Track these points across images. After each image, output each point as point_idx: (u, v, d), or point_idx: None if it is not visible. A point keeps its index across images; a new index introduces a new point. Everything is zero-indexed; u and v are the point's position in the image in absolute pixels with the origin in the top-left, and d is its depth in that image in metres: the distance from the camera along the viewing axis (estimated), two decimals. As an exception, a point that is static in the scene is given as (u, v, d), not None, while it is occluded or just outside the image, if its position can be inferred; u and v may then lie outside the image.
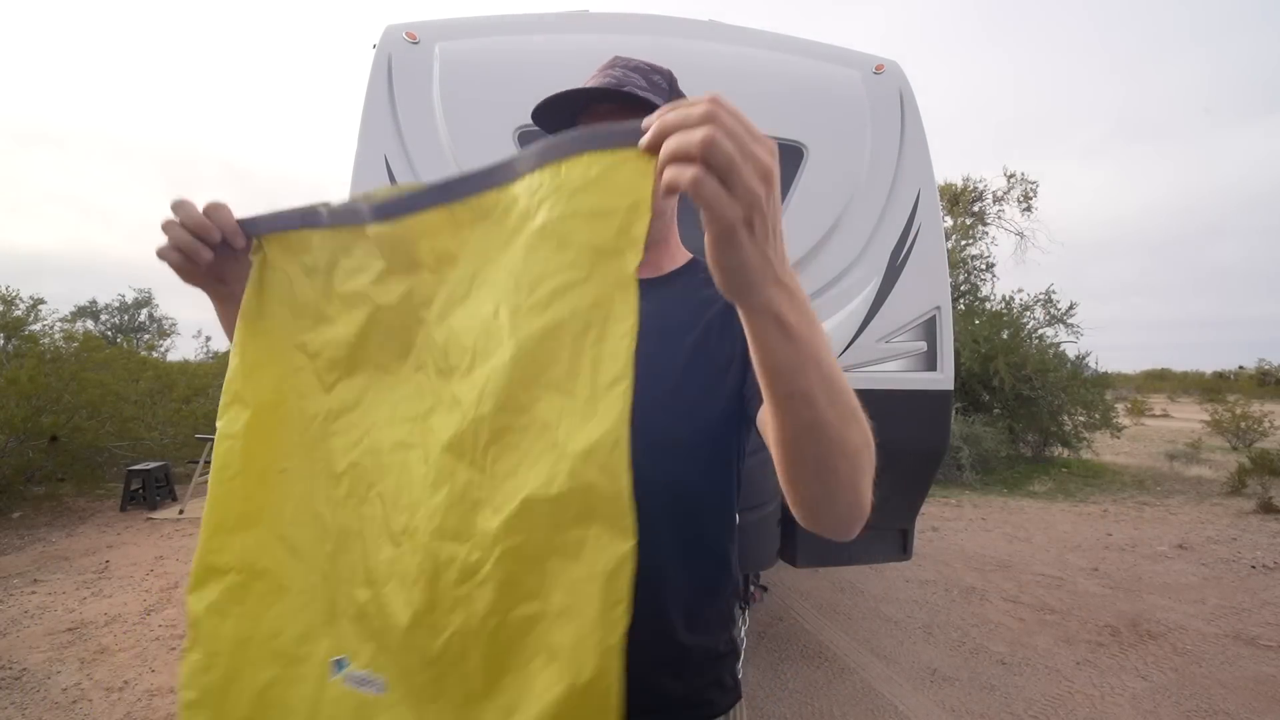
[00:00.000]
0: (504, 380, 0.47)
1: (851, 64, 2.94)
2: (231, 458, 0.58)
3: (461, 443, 0.48)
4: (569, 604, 0.44)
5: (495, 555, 0.46)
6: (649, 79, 0.84)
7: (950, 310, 2.78)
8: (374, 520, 0.53)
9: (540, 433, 0.46)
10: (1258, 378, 32.76)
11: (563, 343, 0.46)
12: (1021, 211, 14.13)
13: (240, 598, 0.55)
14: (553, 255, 0.47)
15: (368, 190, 0.57)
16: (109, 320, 20.86)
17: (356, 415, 0.57)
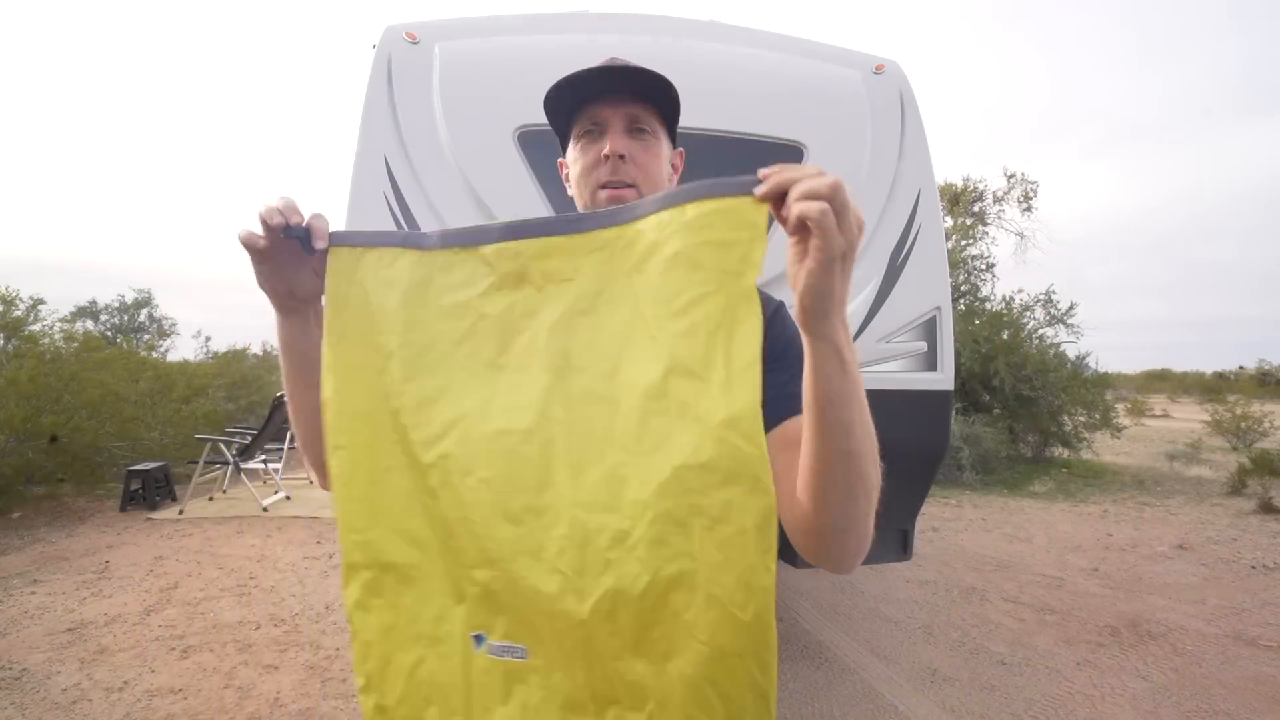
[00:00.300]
0: (655, 377, 0.55)
1: (851, 64, 2.94)
2: (346, 466, 0.64)
3: (612, 430, 0.56)
4: (722, 557, 0.51)
5: (647, 519, 0.52)
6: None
7: (950, 310, 2.78)
8: (481, 505, 0.58)
9: (681, 412, 0.54)
10: (1258, 378, 32.73)
11: (698, 339, 0.55)
12: (1021, 211, 14.14)
13: (377, 591, 0.62)
14: (687, 274, 0.56)
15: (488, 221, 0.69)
16: (109, 320, 20.85)
17: (435, 411, 0.63)
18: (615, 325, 0.59)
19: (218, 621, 3.56)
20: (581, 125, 0.87)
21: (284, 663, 3.08)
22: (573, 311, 0.60)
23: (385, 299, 0.66)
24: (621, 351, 0.58)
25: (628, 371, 0.57)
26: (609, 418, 0.56)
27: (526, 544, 0.56)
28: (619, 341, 0.58)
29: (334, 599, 3.92)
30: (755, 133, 2.69)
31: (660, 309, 0.57)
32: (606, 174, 0.83)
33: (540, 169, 2.48)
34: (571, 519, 0.55)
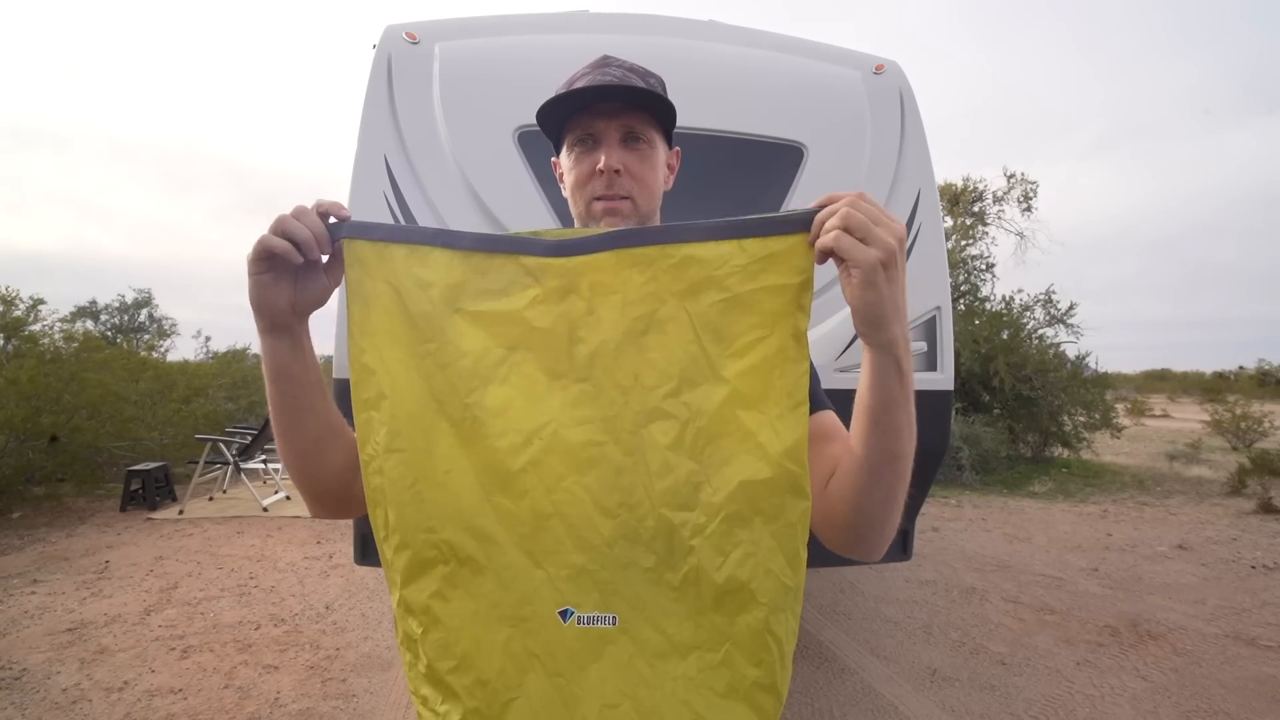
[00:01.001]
0: (717, 403, 0.65)
1: (851, 64, 2.94)
2: (407, 469, 0.67)
3: (682, 444, 0.65)
4: (775, 543, 0.65)
5: (719, 518, 0.64)
6: (645, 81, 0.86)
7: (950, 310, 2.78)
8: (578, 502, 0.65)
9: (745, 437, 0.65)
10: (1258, 378, 32.72)
11: (757, 377, 0.65)
12: (1021, 212, 14.14)
13: (455, 582, 0.67)
14: (744, 318, 0.66)
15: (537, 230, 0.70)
16: (109, 320, 20.86)
17: (510, 420, 0.67)
18: (675, 350, 0.66)
19: (218, 621, 3.56)
20: (576, 135, 0.86)
21: (284, 663, 3.08)
22: (633, 331, 0.67)
23: (420, 300, 0.68)
24: (682, 374, 0.66)
25: (690, 395, 0.66)
26: (676, 433, 0.65)
27: (624, 531, 0.65)
28: (679, 365, 0.66)
29: (334, 599, 3.92)
30: (755, 133, 2.69)
31: (721, 347, 0.66)
32: (601, 188, 0.83)
33: (540, 169, 2.48)
34: (658, 516, 0.65)
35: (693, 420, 0.65)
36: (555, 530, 0.65)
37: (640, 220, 0.86)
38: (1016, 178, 14.04)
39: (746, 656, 0.65)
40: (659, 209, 0.90)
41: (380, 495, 0.68)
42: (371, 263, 0.69)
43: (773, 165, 2.72)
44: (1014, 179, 14.04)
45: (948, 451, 6.64)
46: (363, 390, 0.68)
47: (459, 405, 0.67)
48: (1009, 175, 14.06)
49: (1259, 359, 40.29)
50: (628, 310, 0.66)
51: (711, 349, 0.66)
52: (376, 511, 0.69)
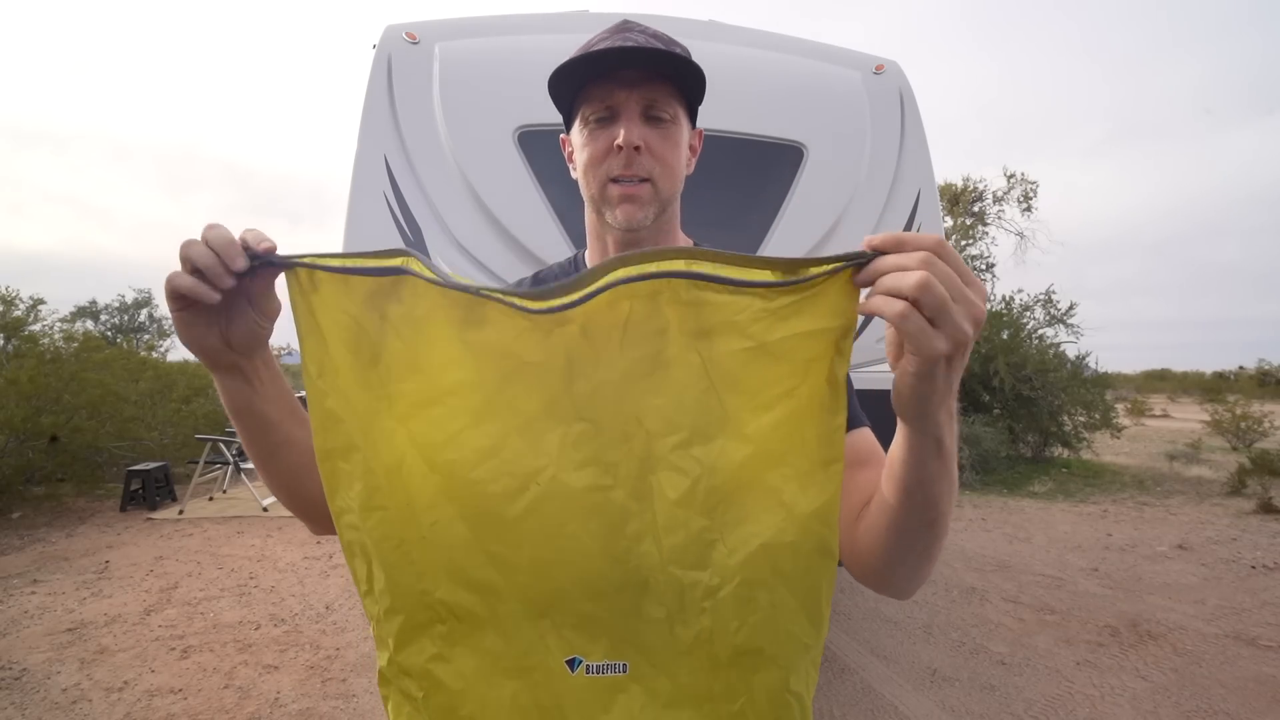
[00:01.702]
0: (736, 462, 0.57)
1: (851, 64, 2.94)
2: (391, 528, 0.60)
3: (693, 499, 0.58)
4: (797, 603, 0.59)
5: (735, 582, 0.58)
6: (670, 49, 0.76)
7: (950, 310, 2.78)
8: (583, 549, 0.59)
9: (767, 494, 0.58)
10: (1258, 378, 32.72)
11: (786, 432, 0.57)
12: (1021, 212, 14.15)
13: (455, 640, 0.62)
14: (771, 367, 0.56)
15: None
16: (109, 320, 20.87)
17: (503, 462, 0.59)
18: (685, 398, 0.58)
19: (218, 621, 3.56)
20: (591, 106, 0.76)
21: (284, 663, 3.08)
22: (634, 373, 0.58)
23: (388, 334, 0.59)
24: (694, 426, 0.58)
25: (702, 450, 0.58)
26: (686, 488, 0.58)
27: (633, 579, 0.59)
28: (690, 415, 0.58)
29: (334, 599, 3.92)
30: (756, 133, 2.69)
31: (743, 400, 0.57)
32: (619, 166, 0.74)
33: (540, 169, 2.48)
34: (667, 574, 0.59)
35: (705, 477, 0.58)
36: (559, 578, 0.60)
37: (660, 206, 0.77)
38: (1016, 178, 14.06)
39: (765, 713, 0.60)
40: (679, 195, 0.81)
41: (360, 550, 0.62)
42: (327, 291, 0.59)
43: (772, 165, 2.72)
44: (1014, 179, 14.06)
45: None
46: (328, 439, 0.60)
47: (442, 448, 0.59)
48: (1009, 175, 14.08)
49: (1259, 359, 40.29)
50: (628, 349, 0.57)
51: (730, 401, 0.57)
52: (355, 564, 0.62)
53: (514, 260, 2.40)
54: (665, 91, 0.75)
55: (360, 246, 2.40)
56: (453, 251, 2.42)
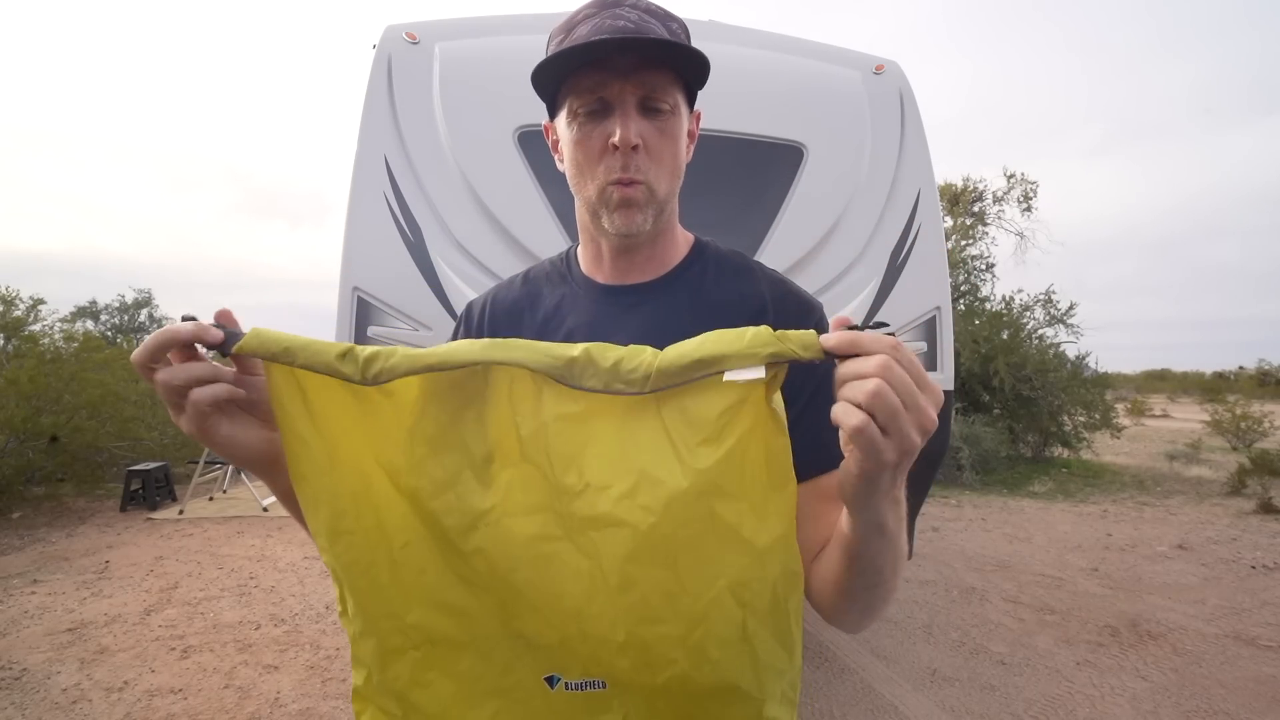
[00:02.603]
0: (685, 501, 0.54)
1: (851, 64, 2.94)
2: (361, 552, 0.58)
3: (643, 554, 0.55)
4: (769, 631, 0.57)
5: (703, 628, 0.55)
6: (667, 26, 0.69)
7: (950, 310, 2.78)
8: (536, 600, 0.57)
9: (725, 534, 0.55)
10: (1258, 378, 32.73)
11: (732, 463, 0.54)
12: (1021, 212, 14.13)
13: (431, 665, 0.60)
14: (716, 399, 0.54)
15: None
16: (109, 320, 20.86)
17: (456, 496, 0.57)
18: (638, 439, 0.55)
19: (218, 621, 3.56)
20: (581, 99, 0.68)
21: (284, 663, 3.08)
22: (581, 414, 0.56)
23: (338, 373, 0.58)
24: (642, 471, 0.55)
25: (650, 496, 0.54)
26: (633, 544, 0.55)
27: (593, 633, 0.56)
28: (638, 458, 0.55)
29: (334, 599, 3.91)
30: (755, 133, 2.69)
31: (690, 432, 0.55)
32: (618, 168, 0.68)
33: (540, 169, 2.48)
34: (628, 630, 0.56)
35: (656, 527, 0.54)
36: (523, 607, 0.58)
37: (657, 209, 0.72)
38: (1016, 178, 14.04)
39: None
40: (678, 191, 0.76)
41: (333, 573, 0.60)
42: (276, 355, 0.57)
43: (772, 165, 2.72)
44: (1014, 179, 14.04)
45: (948, 452, 6.64)
46: (298, 464, 0.58)
47: (406, 474, 0.57)
48: (1009, 175, 14.05)
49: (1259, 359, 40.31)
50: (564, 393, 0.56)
51: (678, 435, 0.55)
52: (336, 585, 0.61)
53: (514, 260, 2.40)
54: (664, 79, 0.67)
55: (360, 246, 2.40)
56: (453, 251, 2.42)
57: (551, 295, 0.81)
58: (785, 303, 0.76)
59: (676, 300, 0.76)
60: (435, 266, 2.38)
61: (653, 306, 0.76)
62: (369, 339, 2.33)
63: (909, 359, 0.48)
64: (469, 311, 0.86)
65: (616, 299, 0.78)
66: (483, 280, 2.37)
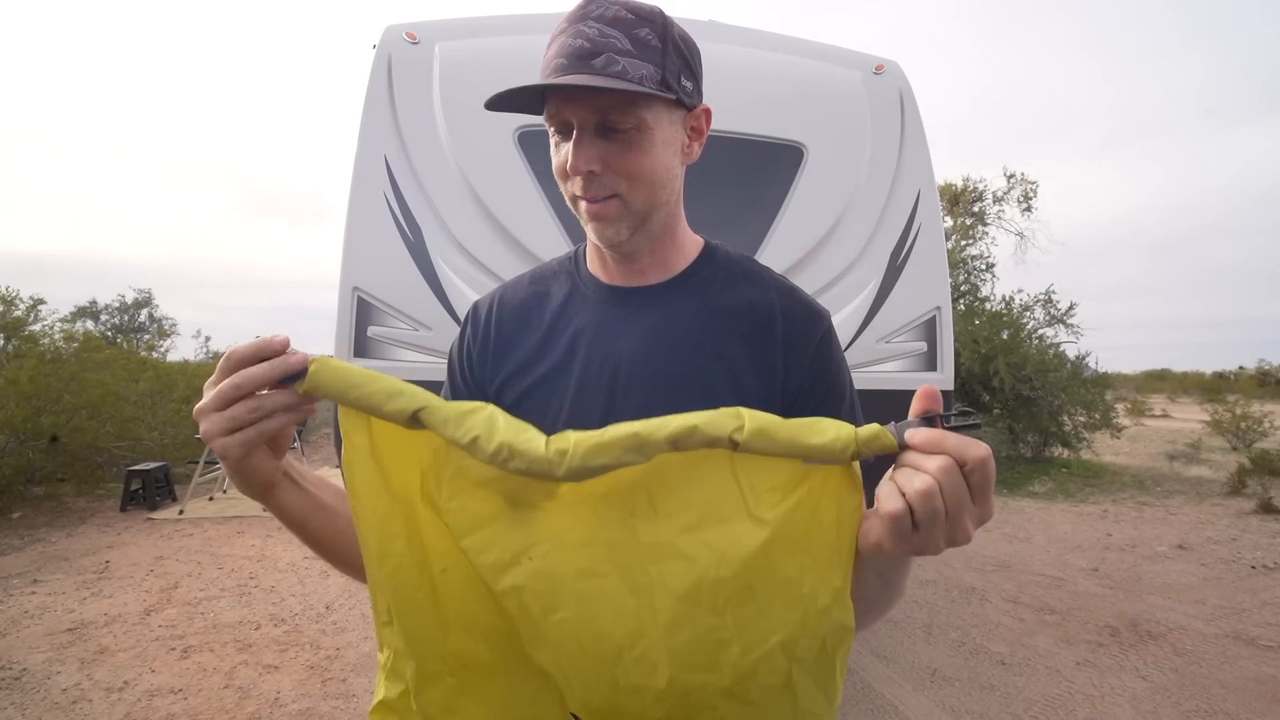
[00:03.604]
0: (750, 549, 0.53)
1: (851, 64, 2.94)
2: (404, 576, 0.58)
3: (699, 595, 0.53)
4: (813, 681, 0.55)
5: (749, 681, 0.54)
6: (632, 35, 0.65)
7: (950, 310, 2.78)
8: (568, 643, 0.55)
9: (785, 586, 0.53)
10: (1258, 378, 32.73)
11: (806, 513, 0.53)
12: (1021, 212, 14.13)
13: (464, 691, 0.59)
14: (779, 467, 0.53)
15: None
16: (109, 320, 20.86)
17: (494, 533, 0.56)
18: (702, 476, 0.54)
19: (218, 621, 3.56)
20: (550, 121, 0.70)
21: (284, 663, 3.08)
22: None
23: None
24: (706, 506, 0.54)
25: (714, 534, 0.53)
26: (692, 580, 0.53)
27: (628, 684, 0.54)
28: (704, 494, 0.54)
29: (334, 599, 3.92)
30: (755, 133, 2.69)
31: (761, 479, 0.54)
32: (579, 188, 0.69)
33: (540, 169, 2.48)
34: (670, 676, 0.53)
35: (716, 567, 0.53)
36: (551, 655, 0.56)
37: (636, 220, 0.71)
38: (1016, 178, 14.04)
39: None
40: (673, 197, 0.74)
41: (379, 590, 0.59)
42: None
43: (772, 165, 2.72)
44: (1014, 179, 14.04)
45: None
46: (351, 477, 0.58)
47: (445, 503, 0.57)
48: (1009, 175, 14.06)
49: (1259, 359, 40.30)
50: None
51: (747, 482, 0.54)
52: (379, 597, 0.60)
53: (514, 260, 2.40)
54: (624, 97, 0.65)
55: (360, 247, 2.40)
56: (453, 251, 2.42)
57: (559, 295, 0.81)
58: (793, 311, 0.76)
59: (685, 303, 0.76)
60: (435, 266, 2.38)
61: (661, 309, 0.76)
62: (369, 339, 2.33)
63: (978, 465, 0.47)
64: (475, 311, 0.85)
65: (625, 300, 0.77)
66: (483, 280, 2.37)
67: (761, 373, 0.72)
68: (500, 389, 0.78)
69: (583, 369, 0.74)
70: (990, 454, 0.47)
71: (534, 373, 0.76)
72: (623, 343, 0.74)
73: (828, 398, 0.73)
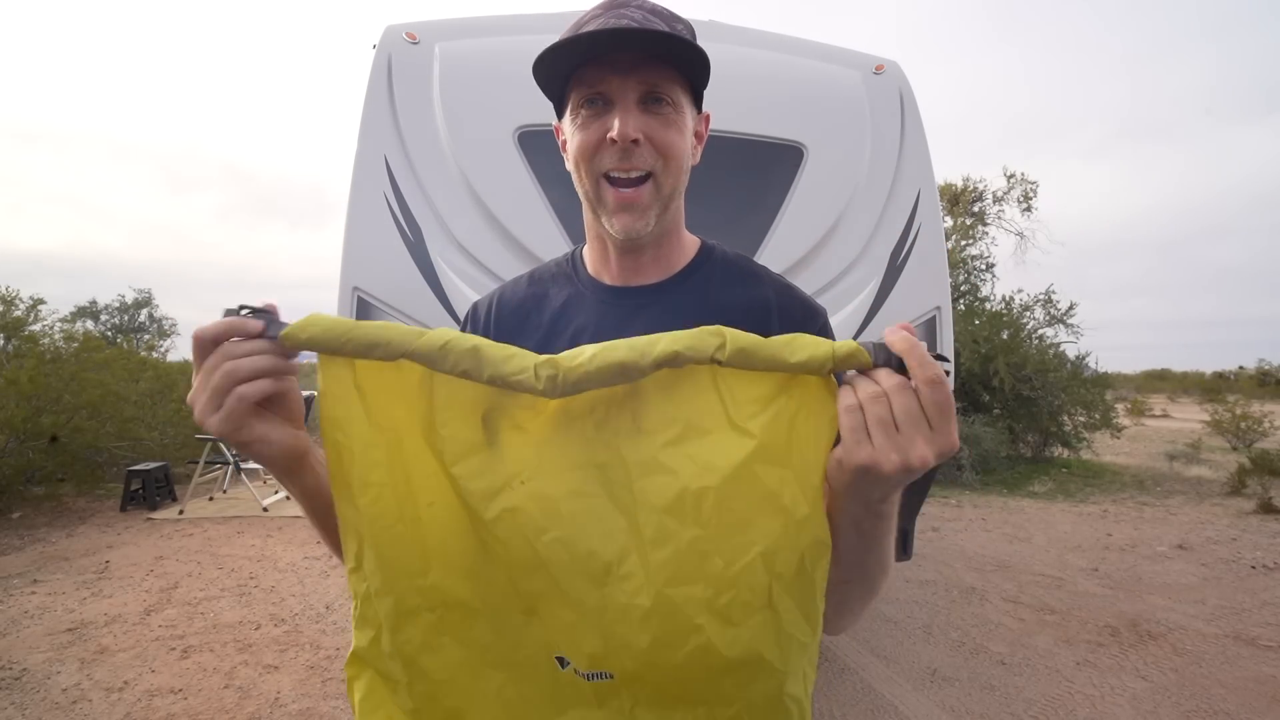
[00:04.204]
0: (733, 461, 0.54)
1: (851, 64, 2.94)
2: (385, 505, 0.57)
3: (683, 507, 0.54)
4: (793, 601, 0.56)
5: (731, 592, 0.55)
6: (672, 26, 0.69)
7: (950, 310, 2.78)
8: (560, 562, 0.56)
9: (766, 498, 0.54)
10: (1258, 378, 32.74)
11: (779, 427, 0.55)
12: (1021, 212, 14.13)
13: (444, 629, 0.59)
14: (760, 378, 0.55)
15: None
16: (109, 320, 20.85)
17: (483, 460, 0.56)
18: (684, 391, 0.56)
19: (218, 621, 3.56)
20: (582, 92, 0.69)
21: (284, 663, 3.08)
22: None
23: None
24: (689, 420, 0.55)
25: (696, 446, 0.55)
26: (674, 493, 0.54)
27: (613, 602, 0.55)
28: (685, 409, 0.55)
29: (334, 599, 3.92)
30: (755, 133, 2.69)
31: (744, 390, 0.56)
32: (613, 160, 0.68)
33: (540, 169, 2.48)
34: (656, 592, 0.55)
35: (699, 478, 0.54)
36: (542, 581, 0.57)
37: (662, 206, 0.72)
38: (1016, 178, 14.04)
39: (763, 716, 0.59)
40: (684, 189, 0.76)
41: (353, 527, 0.58)
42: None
43: (772, 165, 2.72)
44: (1014, 179, 14.04)
45: (948, 451, 6.63)
46: (330, 405, 0.57)
47: (434, 430, 0.57)
48: (1009, 175, 14.06)
49: (1259, 359, 40.30)
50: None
51: (728, 392, 0.55)
52: (347, 539, 0.59)
53: (514, 260, 2.40)
54: (666, 75, 0.68)
55: (360, 246, 2.40)
56: (453, 251, 2.42)
57: (558, 296, 0.81)
58: (790, 307, 0.77)
59: (684, 303, 0.76)
60: (435, 266, 2.38)
61: (660, 309, 0.76)
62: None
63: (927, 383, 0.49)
64: (474, 312, 0.85)
65: (623, 300, 0.78)
66: (483, 280, 2.37)
67: None
68: None
69: None
70: (943, 378, 0.49)
71: None
72: None
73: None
